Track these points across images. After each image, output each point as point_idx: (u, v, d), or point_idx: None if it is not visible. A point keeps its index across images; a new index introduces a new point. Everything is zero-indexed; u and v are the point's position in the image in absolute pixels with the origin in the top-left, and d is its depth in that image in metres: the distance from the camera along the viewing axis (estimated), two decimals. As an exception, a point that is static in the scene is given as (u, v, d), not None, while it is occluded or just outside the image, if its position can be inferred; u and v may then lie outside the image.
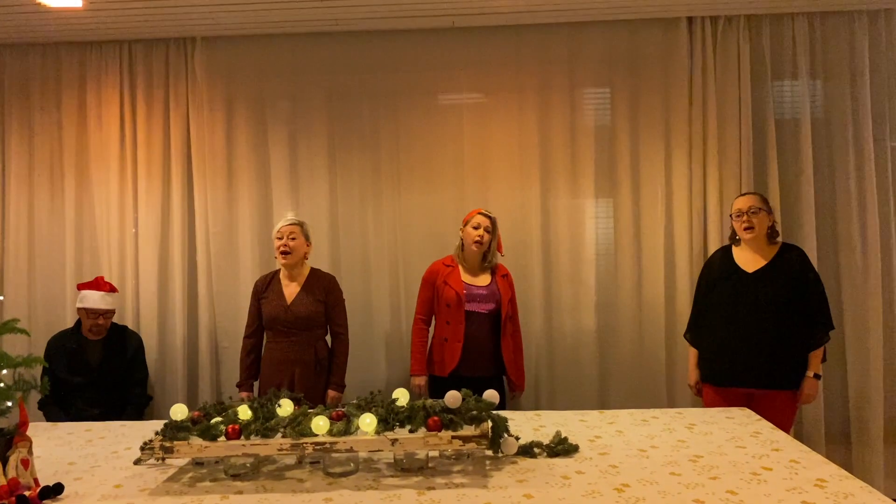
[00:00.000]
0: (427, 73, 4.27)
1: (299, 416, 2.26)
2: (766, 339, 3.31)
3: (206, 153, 4.26)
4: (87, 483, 2.23)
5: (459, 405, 2.28)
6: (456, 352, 3.56)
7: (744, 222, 3.38)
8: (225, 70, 4.26)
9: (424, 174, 4.28)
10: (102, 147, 4.29)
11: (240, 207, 4.30)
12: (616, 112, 4.19)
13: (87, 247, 4.32)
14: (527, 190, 4.21)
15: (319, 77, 4.28)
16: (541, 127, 4.20)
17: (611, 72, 4.18)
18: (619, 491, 2.03)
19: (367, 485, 2.13)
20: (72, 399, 3.75)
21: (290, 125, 4.30)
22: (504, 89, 4.23)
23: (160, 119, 4.27)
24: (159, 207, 4.27)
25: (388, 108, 4.30)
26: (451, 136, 4.26)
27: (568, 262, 4.23)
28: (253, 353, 3.69)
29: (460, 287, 3.58)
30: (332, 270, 4.16)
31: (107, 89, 4.28)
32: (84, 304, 3.79)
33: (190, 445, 2.16)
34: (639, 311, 4.18)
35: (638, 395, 4.12)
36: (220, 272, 4.27)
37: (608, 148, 4.18)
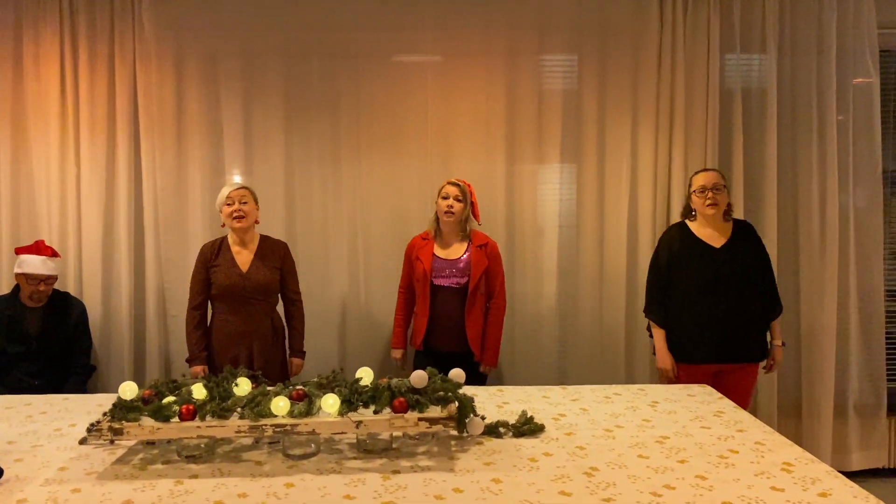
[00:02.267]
0: (390, 33, 4.10)
1: (258, 396, 2.16)
2: (737, 313, 3.35)
3: (154, 110, 4.03)
4: (29, 465, 2.10)
5: (426, 384, 2.21)
6: (422, 326, 3.55)
7: (708, 199, 3.36)
8: (175, 24, 4.01)
9: (386, 138, 4.13)
10: (41, 101, 4.01)
11: (190, 168, 4.09)
12: (583, 80, 4.10)
13: (25, 207, 4.07)
14: (491, 155, 4.12)
15: (275, 34, 4.07)
16: (507, 91, 4.09)
17: (580, 39, 4.08)
18: (588, 475, 1.99)
19: (329, 468, 2.06)
20: (8, 369, 3.56)
21: (244, 84, 4.08)
22: (470, 53, 4.10)
23: (104, 73, 4.00)
24: (104, 166, 4.03)
25: (347, 69, 4.12)
26: (415, 100, 4.12)
27: (531, 229, 4.17)
28: (202, 326, 3.52)
29: (428, 261, 3.53)
30: (288, 236, 4.04)
31: (45, 39, 3.99)
32: (23, 270, 3.58)
33: (141, 427, 2.04)
34: (599, 280, 4.16)
35: (597, 365, 4.12)
36: (168, 237, 4.07)
37: (575, 116, 4.11)
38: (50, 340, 3.64)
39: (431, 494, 1.85)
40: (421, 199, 4.07)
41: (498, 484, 1.92)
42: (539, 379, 4.00)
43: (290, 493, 1.88)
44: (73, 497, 1.86)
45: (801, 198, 4.09)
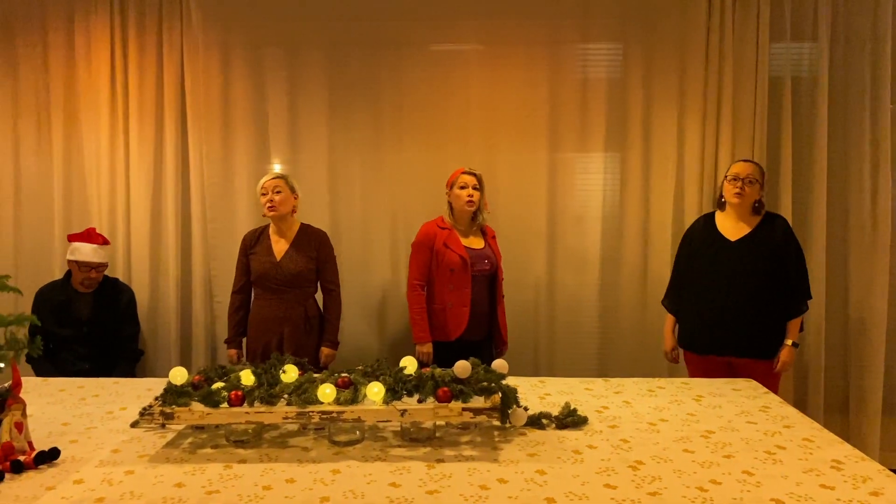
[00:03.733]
0: (431, 22, 4.10)
1: (305, 383, 2.19)
2: (746, 308, 3.31)
3: (201, 100, 4.09)
4: (83, 446, 2.16)
5: (469, 375, 2.21)
6: (463, 317, 3.49)
7: (736, 188, 3.32)
8: (221, 14, 4.07)
9: (427, 127, 4.14)
10: (92, 91, 4.10)
11: (235, 156, 4.16)
12: (628, 69, 4.06)
13: (76, 196, 4.17)
14: (533, 144, 4.10)
15: (319, 23, 4.10)
16: (550, 80, 4.07)
17: (625, 27, 4.04)
18: (633, 469, 1.98)
19: (374, 455, 2.08)
20: (60, 353, 3.66)
21: (288, 74, 4.13)
22: (512, 41, 4.08)
23: (153, 64, 4.08)
24: (152, 156, 4.11)
25: (389, 58, 4.13)
26: (456, 89, 4.12)
27: (573, 218, 4.16)
28: (241, 310, 3.62)
29: (463, 250, 3.49)
30: (330, 225, 4.08)
31: (96, 29, 4.08)
32: (75, 257, 3.67)
33: (191, 412, 2.08)
34: (643, 271, 4.13)
35: (639, 358, 4.10)
36: (214, 224, 4.15)
37: (619, 105, 4.07)
38: (100, 325, 3.73)
39: (476, 484, 1.86)
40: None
41: (542, 475, 1.93)
42: (579, 370, 4.00)
43: (336, 479, 1.90)
44: (127, 479, 1.91)
45: (852, 189, 4.00)
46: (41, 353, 2.17)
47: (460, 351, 3.12)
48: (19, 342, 2.15)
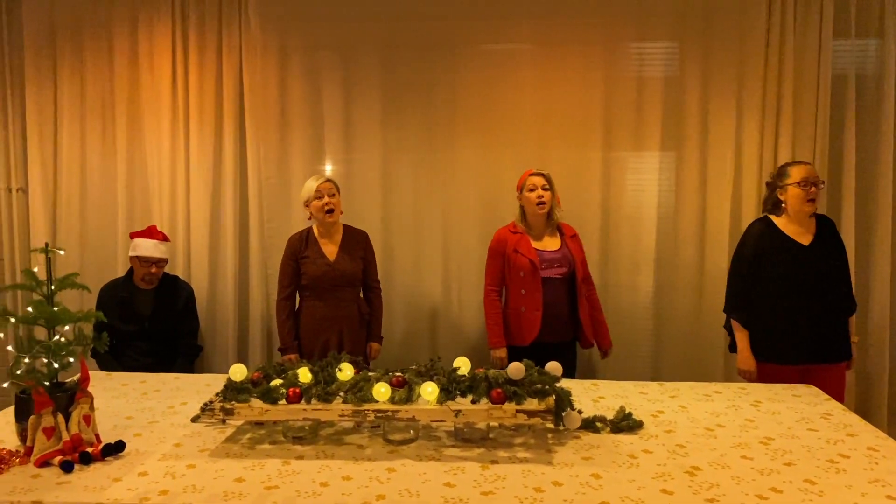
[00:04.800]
0: (485, 21, 4.10)
1: (360, 382, 2.22)
2: (824, 312, 3.24)
3: (258, 101, 4.17)
4: (147, 440, 2.23)
5: (522, 377, 2.21)
6: (536, 321, 3.44)
7: (810, 194, 3.23)
8: (279, 17, 4.14)
9: (480, 128, 4.14)
10: (154, 92, 4.22)
11: (292, 157, 4.22)
12: (685, 67, 3.99)
13: (139, 194, 4.29)
14: (587, 143, 4.07)
15: (374, 25, 4.14)
16: (605, 79, 4.04)
17: (682, 25, 3.97)
18: (689, 474, 1.96)
19: (428, 455, 2.09)
20: (122, 347, 3.77)
21: (343, 75, 4.17)
22: (567, 41, 4.05)
23: (213, 66, 4.17)
24: (211, 156, 4.20)
25: (443, 58, 4.14)
26: (510, 89, 4.11)
27: (627, 218, 4.12)
28: (293, 316, 3.65)
29: (532, 254, 3.46)
30: (383, 225, 4.13)
31: (159, 33, 4.19)
32: (137, 253, 3.78)
33: (250, 408, 2.13)
34: (699, 273, 4.07)
35: (694, 362, 4.04)
36: (271, 223, 4.22)
37: (675, 104, 4.01)
38: (160, 321, 3.83)
39: (531, 486, 1.86)
40: (514, 189, 4.05)
41: (598, 479, 1.92)
42: (632, 373, 3.95)
43: (391, 477, 1.92)
44: (189, 472, 1.96)
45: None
46: (107, 348, 2.25)
47: (540, 354, 3.09)
48: (87, 338, 2.23)
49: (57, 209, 4.34)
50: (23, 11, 4.23)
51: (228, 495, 1.80)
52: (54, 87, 4.29)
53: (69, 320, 2.17)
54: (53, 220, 4.35)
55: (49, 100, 4.29)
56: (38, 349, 2.14)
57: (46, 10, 4.23)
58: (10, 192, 4.37)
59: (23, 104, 4.30)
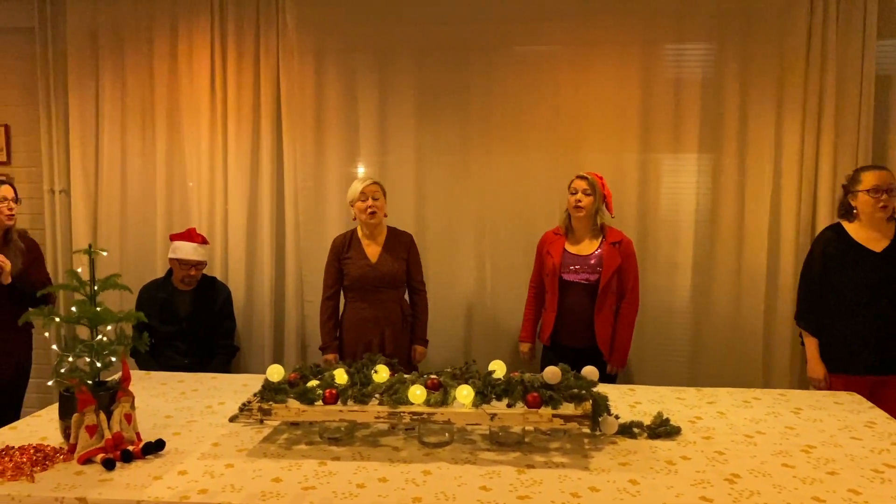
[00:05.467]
0: (522, 24, 4.08)
1: (396, 384, 2.22)
2: None
3: (295, 104, 4.20)
4: (186, 439, 2.26)
5: (559, 381, 2.20)
6: (550, 321, 3.53)
7: (882, 201, 3.16)
8: (315, 19, 4.16)
9: (515, 130, 4.12)
10: (193, 96, 4.27)
11: (327, 159, 4.25)
12: (724, 68, 3.93)
13: (178, 196, 4.35)
14: (623, 145, 4.03)
15: (409, 28, 4.14)
16: (642, 81, 3.99)
17: (721, 26, 3.92)
18: (729, 482, 1.93)
19: (464, 458, 2.09)
20: (160, 347, 3.83)
21: (378, 77, 4.19)
22: (603, 42, 4.02)
23: (250, 68, 4.21)
24: (249, 158, 4.25)
25: (477, 60, 4.13)
26: (545, 91, 4.09)
27: (664, 221, 4.07)
28: (335, 316, 3.69)
29: (558, 256, 3.49)
30: (417, 228, 4.14)
31: (198, 37, 4.24)
32: (177, 255, 3.83)
33: (287, 409, 2.15)
34: (737, 277, 4.00)
35: (732, 367, 3.98)
36: (307, 226, 4.25)
37: (714, 106, 3.95)
38: (198, 322, 3.89)
39: (567, 492, 1.85)
40: (549, 191, 4.05)
41: (635, 485, 1.90)
42: (669, 377, 3.90)
43: (427, 480, 1.93)
44: (227, 472, 1.98)
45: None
46: (148, 348, 2.29)
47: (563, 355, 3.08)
48: (128, 338, 2.27)
49: (98, 211, 4.41)
50: (67, 18, 4.32)
51: (266, 495, 1.82)
52: (96, 91, 4.37)
53: (111, 320, 2.21)
54: (94, 221, 4.43)
55: (91, 103, 4.38)
56: (81, 348, 2.19)
57: (89, 15, 4.31)
58: (53, 194, 4.45)
59: (66, 108, 4.39)
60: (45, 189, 4.46)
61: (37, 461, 2.03)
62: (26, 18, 4.39)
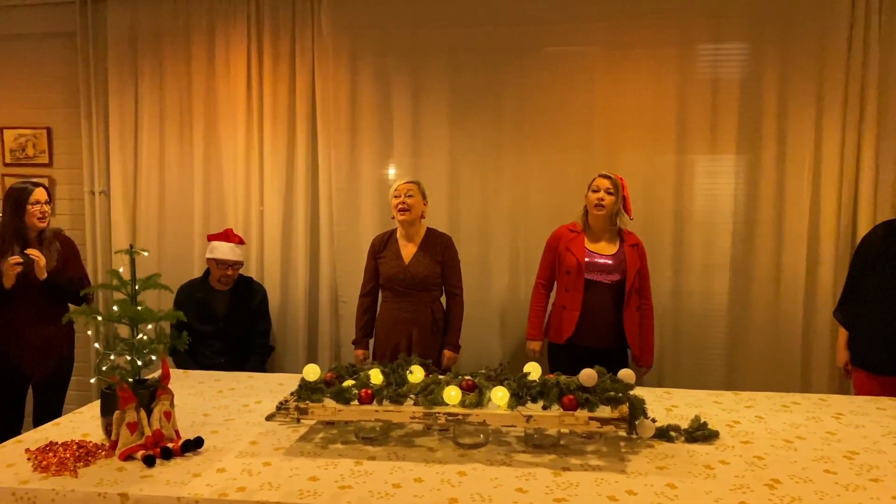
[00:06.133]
0: (555, 25, 4.06)
1: (431, 385, 2.23)
2: None
3: (330, 106, 4.23)
4: (224, 437, 2.29)
5: (595, 383, 2.19)
6: (572, 320, 3.44)
7: None
8: (350, 22, 4.19)
9: (549, 131, 4.10)
10: (230, 99, 4.32)
11: (361, 161, 4.26)
12: (762, 68, 3.86)
13: (214, 197, 4.41)
14: (659, 146, 3.99)
15: (442, 30, 4.15)
16: (678, 81, 3.95)
17: (759, 25, 3.85)
18: (769, 487, 1.90)
19: (499, 460, 2.09)
20: (197, 346, 3.88)
21: (412, 79, 4.20)
22: (638, 42, 3.98)
23: (286, 71, 4.25)
24: (284, 160, 4.29)
25: (511, 62, 4.12)
26: (580, 92, 4.06)
27: (701, 222, 4.02)
28: (369, 312, 3.72)
29: (582, 254, 3.43)
30: (451, 229, 4.12)
31: (235, 40, 4.29)
32: (214, 255, 3.89)
33: (324, 408, 2.17)
34: (775, 280, 3.93)
35: (770, 371, 3.92)
36: (341, 227, 4.28)
37: (752, 106, 3.88)
38: (235, 321, 3.94)
39: (604, 495, 1.84)
40: (583, 193, 3.99)
41: (673, 489, 1.88)
42: (704, 381, 3.86)
43: (463, 481, 1.93)
44: (265, 470, 2.00)
45: None
46: (187, 347, 2.32)
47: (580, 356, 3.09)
48: (167, 337, 2.31)
49: (136, 211, 4.49)
50: (107, 22, 4.40)
51: (304, 493, 1.83)
52: (135, 93, 4.45)
53: (152, 319, 2.25)
54: (133, 221, 4.50)
55: (130, 106, 4.45)
56: (122, 347, 2.23)
57: (129, 20, 4.38)
58: (94, 195, 4.54)
59: (106, 111, 4.47)
60: (85, 190, 4.56)
61: (79, 457, 2.07)
62: (68, 23, 4.49)
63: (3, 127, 4.67)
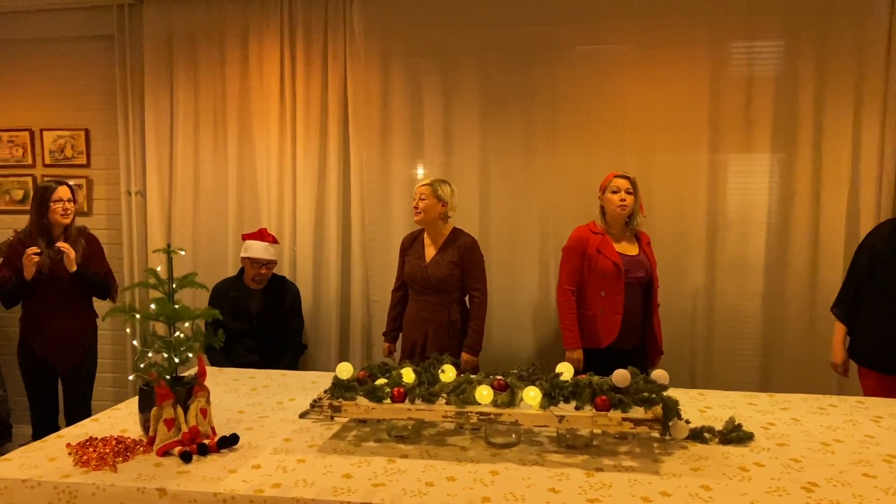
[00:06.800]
0: (587, 25, 4.05)
1: (462, 384, 2.23)
2: None
3: (361, 107, 4.26)
4: (258, 434, 2.32)
5: (628, 384, 2.17)
6: (615, 325, 3.38)
7: None
8: (381, 24, 4.21)
9: (581, 130, 4.08)
10: (263, 100, 4.37)
11: (392, 161, 4.29)
12: (798, 66, 3.81)
13: (248, 198, 4.46)
14: (692, 145, 3.96)
15: (473, 31, 4.15)
16: (711, 79, 3.91)
17: (794, 22, 3.80)
18: (806, 491, 1.87)
19: (531, 459, 2.09)
20: (231, 344, 3.93)
21: (442, 79, 4.21)
22: (670, 41, 3.95)
23: (318, 72, 4.29)
24: (316, 160, 4.32)
25: (542, 62, 4.11)
26: (611, 91, 4.04)
27: (735, 222, 3.98)
28: (398, 307, 3.81)
29: (616, 256, 3.39)
30: (481, 229, 4.14)
31: (268, 42, 4.34)
32: (248, 254, 3.94)
33: (357, 406, 2.18)
34: (812, 281, 3.87)
35: (805, 372, 3.86)
36: (372, 226, 4.31)
37: (787, 104, 3.83)
38: (268, 320, 3.98)
39: (638, 496, 1.83)
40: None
41: (707, 491, 1.86)
42: (738, 382, 3.82)
43: (495, 480, 1.93)
44: (299, 467, 2.02)
45: None
46: (222, 345, 2.36)
47: (611, 359, 3.07)
48: (203, 334, 2.34)
49: (172, 211, 4.56)
50: (144, 25, 4.48)
51: (338, 490, 1.85)
52: (171, 95, 4.52)
53: (189, 317, 2.28)
54: (169, 221, 4.58)
55: (166, 107, 4.53)
56: (159, 344, 2.26)
57: (165, 23, 4.45)
58: (130, 195, 4.63)
59: (142, 112, 4.55)
60: (122, 191, 4.64)
61: (118, 452, 2.11)
62: (106, 27, 4.58)
63: (44, 129, 4.77)
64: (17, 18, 4.70)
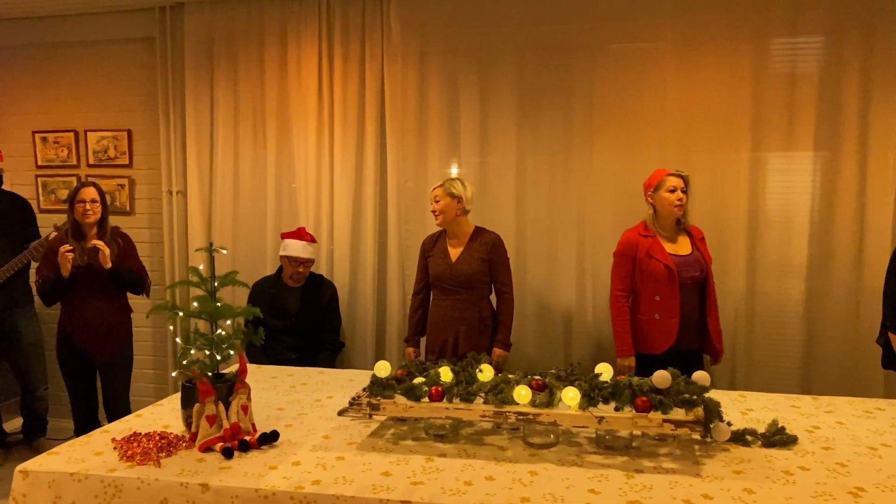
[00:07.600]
0: (625, 22, 4.01)
1: (500, 384, 2.23)
2: None
3: (398, 106, 4.27)
4: (298, 431, 2.34)
5: (668, 385, 2.15)
6: (672, 329, 3.29)
7: None
8: (418, 23, 4.22)
9: (619, 128, 4.04)
10: (301, 100, 4.41)
11: (429, 160, 4.29)
12: (843, 62, 3.73)
13: (286, 197, 4.51)
14: (734, 143, 3.89)
15: (510, 29, 4.14)
16: (753, 76, 3.84)
17: (840, 17, 3.72)
18: (853, 496, 1.83)
19: (570, 460, 2.08)
20: (269, 342, 3.97)
21: (479, 78, 4.20)
22: (711, 38, 3.89)
23: (356, 72, 4.32)
24: (354, 160, 4.35)
25: (580, 60, 4.08)
26: (651, 89, 3.99)
27: (777, 221, 3.90)
28: (420, 310, 3.78)
29: (668, 259, 3.30)
30: (516, 229, 4.13)
31: (306, 42, 4.37)
32: (287, 253, 3.98)
33: (395, 404, 2.19)
34: (856, 281, 3.79)
35: (849, 375, 3.78)
36: (408, 225, 4.32)
37: (832, 102, 3.75)
38: (306, 318, 4.02)
39: (679, 498, 1.81)
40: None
41: (750, 494, 1.83)
42: (779, 384, 3.75)
43: (534, 480, 1.92)
44: (339, 464, 2.04)
45: None
46: (263, 342, 2.38)
47: (670, 362, 3.00)
48: (245, 332, 2.37)
49: (212, 210, 4.62)
50: (185, 28, 4.54)
51: (377, 488, 1.86)
52: (211, 96, 4.58)
53: (230, 315, 2.32)
54: (209, 220, 4.64)
55: (206, 108, 4.59)
56: (201, 342, 2.30)
57: (206, 25, 4.52)
58: (171, 195, 4.70)
59: (183, 113, 4.62)
60: (163, 190, 4.72)
61: (162, 447, 2.15)
62: (147, 29, 4.66)
63: (87, 130, 4.87)
64: (62, 22, 4.80)
